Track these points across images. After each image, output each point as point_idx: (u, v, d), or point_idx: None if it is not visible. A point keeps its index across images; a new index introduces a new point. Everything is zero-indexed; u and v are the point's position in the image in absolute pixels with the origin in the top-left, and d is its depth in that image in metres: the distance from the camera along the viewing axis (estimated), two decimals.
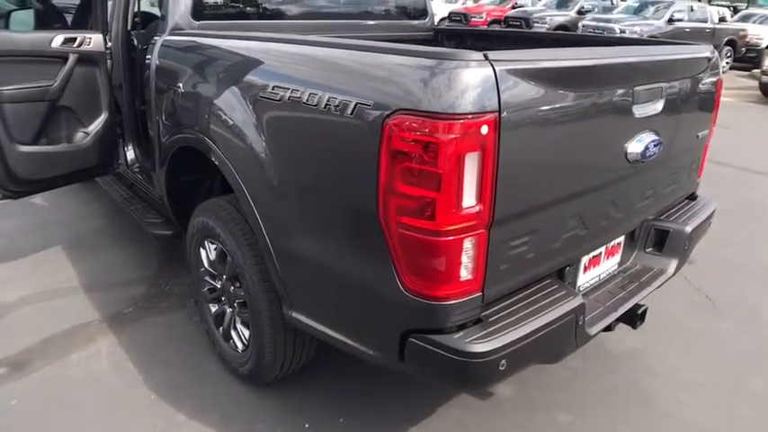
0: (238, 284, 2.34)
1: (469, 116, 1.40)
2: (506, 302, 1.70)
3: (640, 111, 1.92)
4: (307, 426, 2.29)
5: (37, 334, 2.77)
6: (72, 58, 2.89)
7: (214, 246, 2.43)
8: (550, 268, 1.85)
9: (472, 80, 1.42)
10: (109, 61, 3.14)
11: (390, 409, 2.38)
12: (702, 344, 2.88)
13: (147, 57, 2.69)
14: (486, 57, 1.45)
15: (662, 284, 2.28)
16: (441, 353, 1.54)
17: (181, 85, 2.38)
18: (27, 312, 2.97)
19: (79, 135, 3.08)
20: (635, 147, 1.92)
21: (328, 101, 1.65)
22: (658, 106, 2.00)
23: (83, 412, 2.31)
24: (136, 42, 3.41)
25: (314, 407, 2.37)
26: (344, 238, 1.72)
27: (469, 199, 1.46)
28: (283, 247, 1.91)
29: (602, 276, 2.21)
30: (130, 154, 3.40)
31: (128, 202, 3.32)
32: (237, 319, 2.42)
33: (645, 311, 2.11)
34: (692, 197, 2.64)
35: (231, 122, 2.02)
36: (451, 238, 1.47)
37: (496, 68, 1.45)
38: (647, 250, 2.37)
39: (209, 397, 2.42)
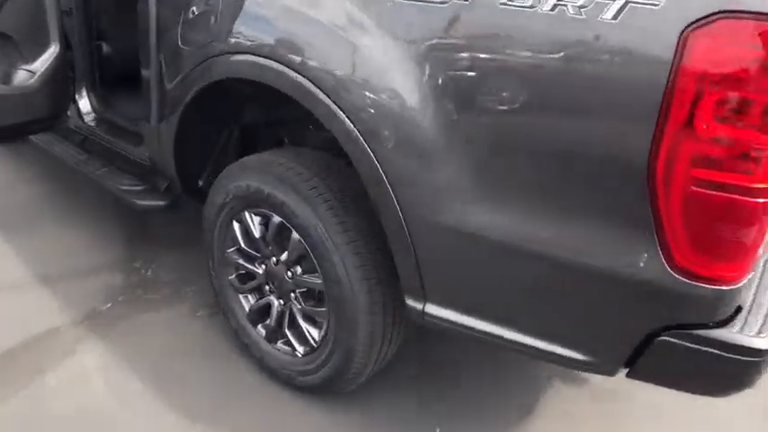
0: (301, 270, 1.77)
1: None
2: None
3: None
4: None
5: None
6: None
7: (260, 219, 1.82)
8: None
9: None
10: None
11: (484, 408, 1.95)
12: None
13: None
14: None
15: None
16: (713, 352, 1.14)
17: None
18: None
19: (22, 74, 2.25)
20: None
21: None
22: None
23: None
24: None
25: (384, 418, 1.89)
26: (567, 208, 1.23)
27: None
28: (432, 222, 1.37)
29: None
30: (85, 102, 2.59)
31: (87, 165, 2.53)
32: (297, 314, 1.84)
33: None
34: None
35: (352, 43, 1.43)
36: None
37: None
38: None
39: (260, 419, 1.85)
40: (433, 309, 1.48)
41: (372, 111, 1.37)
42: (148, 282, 2.46)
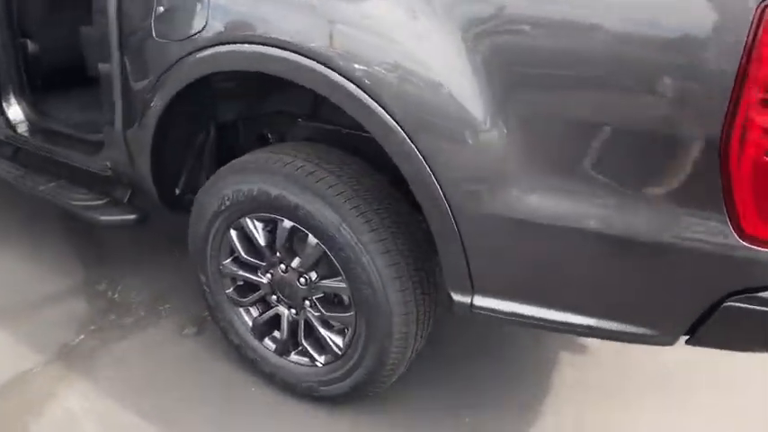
0: (317, 275, 1.64)
1: None
2: None
3: None
4: None
5: None
6: None
7: (263, 224, 1.66)
8: None
9: None
10: None
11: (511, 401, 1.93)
12: None
13: None
14: None
15: None
16: None
17: None
18: None
19: None
20: None
21: None
22: None
23: None
24: None
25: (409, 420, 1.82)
26: (632, 184, 1.18)
27: None
28: (483, 212, 1.28)
29: None
30: (15, 110, 2.26)
31: (27, 180, 2.21)
32: (314, 322, 1.71)
33: None
34: None
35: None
36: None
37: None
38: None
39: None
40: (481, 301, 1.41)
41: (414, 99, 1.27)
42: (119, 305, 2.21)
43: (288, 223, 1.60)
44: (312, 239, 1.57)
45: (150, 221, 2.09)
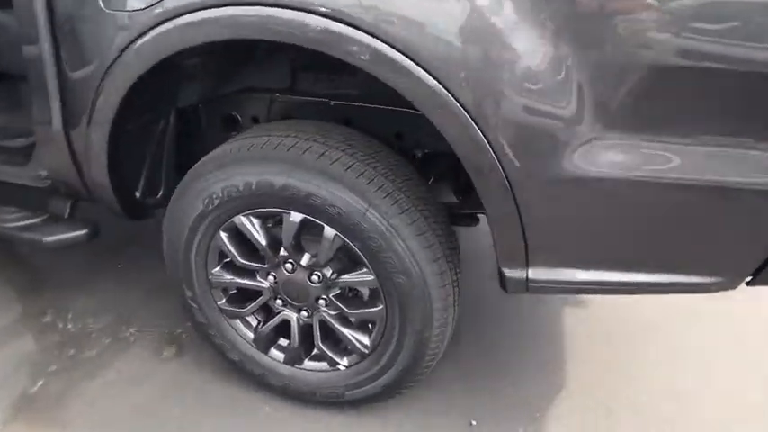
0: (333, 270, 1.44)
1: None
2: None
3: None
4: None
5: None
6: None
7: (261, 221, 1.43)
8: None
9: None
10: None
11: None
12: None
13: None
14: None
15: None
16: None
17: None
18: None
19: None
20: None
21: None
22: None
23: None
24: None
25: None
26: (705, 131, 1.08)
27: None
28: (546, 177, 1.14)
29: None
30: None
31: None
32: (332, 322, 1.51)
33: None
34: None
35: None
36: None
37: None
38: None
39: None
40: (537, 273, 1.28)
41: (470, 63, 1.08)
42: (75, 336, 1.88)
43: (297, 216, 1.37)
44: (329, 231, 1.36)
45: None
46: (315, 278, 1.46)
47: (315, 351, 1.59)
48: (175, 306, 1.96)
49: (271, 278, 1.51)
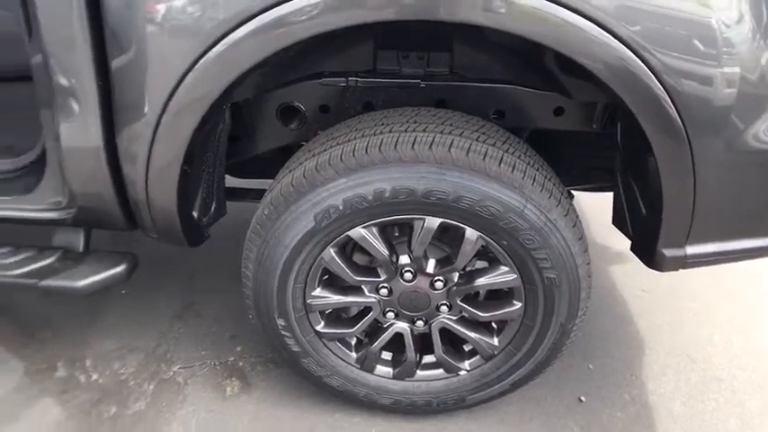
0: (460, 276, 1.30)
1: None
2: None
3: None
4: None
5: None
6: None
7: (379, 230, 1.23)
8: None
9: None
10: None
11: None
12: None
13: None
14: None
15: None
16: None
17: None
18: None
19: None
20: None
21: None
22: None
23: None
24: None
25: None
26: None
27: None
28: (729, 149, 1.08)
29: None
30: None
31: None
32: (455, 327, 1.37)
33: None
34: None
35: None
36: None
37: None
38: None
39: None
40: (694, 249, 1.25)
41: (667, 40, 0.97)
42: (108, 388, 1.55)
43: (433, 221, 1.20)
44: (471, 233, 1.21)
45: None
46: (438, 284, 1.31)
47: (428, 360, 1.45)
48: (211, 329, 1.72)
49: (383, 291, 1.33)
